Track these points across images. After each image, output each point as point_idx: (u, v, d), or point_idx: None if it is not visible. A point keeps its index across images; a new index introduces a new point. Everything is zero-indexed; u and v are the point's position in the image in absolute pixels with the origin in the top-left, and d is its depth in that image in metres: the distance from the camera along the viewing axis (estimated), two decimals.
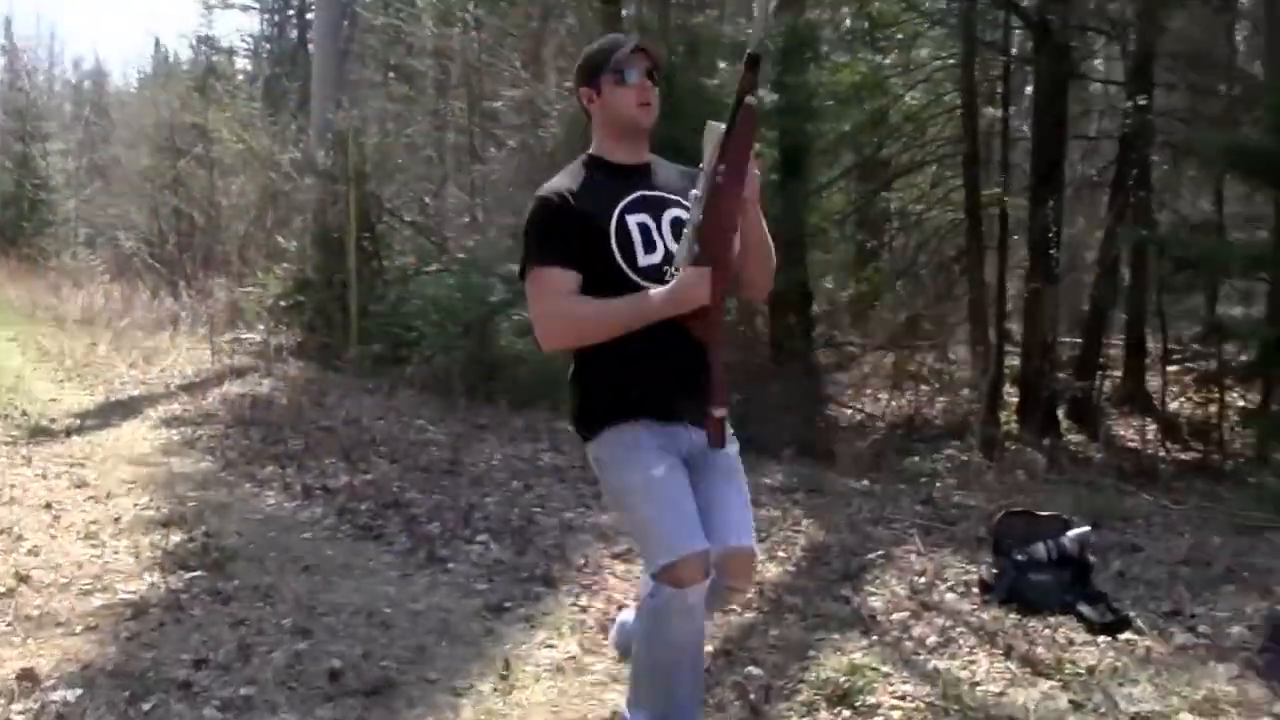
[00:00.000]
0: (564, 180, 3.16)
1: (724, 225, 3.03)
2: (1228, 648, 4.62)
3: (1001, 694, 4.18)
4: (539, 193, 3.15)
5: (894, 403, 11.34)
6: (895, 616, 5.06)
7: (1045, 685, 4.24)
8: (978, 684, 4.28)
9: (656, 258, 3.11)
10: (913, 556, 6.02)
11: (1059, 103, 10.59)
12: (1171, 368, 10.76)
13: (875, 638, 4.79)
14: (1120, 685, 4.23)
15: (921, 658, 4.57)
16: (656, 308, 3.02)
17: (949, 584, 5.55)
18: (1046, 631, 4.84)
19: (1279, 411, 8.41)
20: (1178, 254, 9.51)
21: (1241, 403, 9.87)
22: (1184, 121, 11.00)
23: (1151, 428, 10.14)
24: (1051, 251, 10.25)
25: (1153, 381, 11.21)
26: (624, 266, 3.08)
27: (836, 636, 4.79)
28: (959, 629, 4.89)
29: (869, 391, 12.10)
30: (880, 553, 6.02)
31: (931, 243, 12.11)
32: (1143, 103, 10.38)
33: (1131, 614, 5.02)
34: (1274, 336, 8.11)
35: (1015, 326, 11.37)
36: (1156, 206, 11.36)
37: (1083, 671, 4.40)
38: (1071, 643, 4.73)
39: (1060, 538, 5.39)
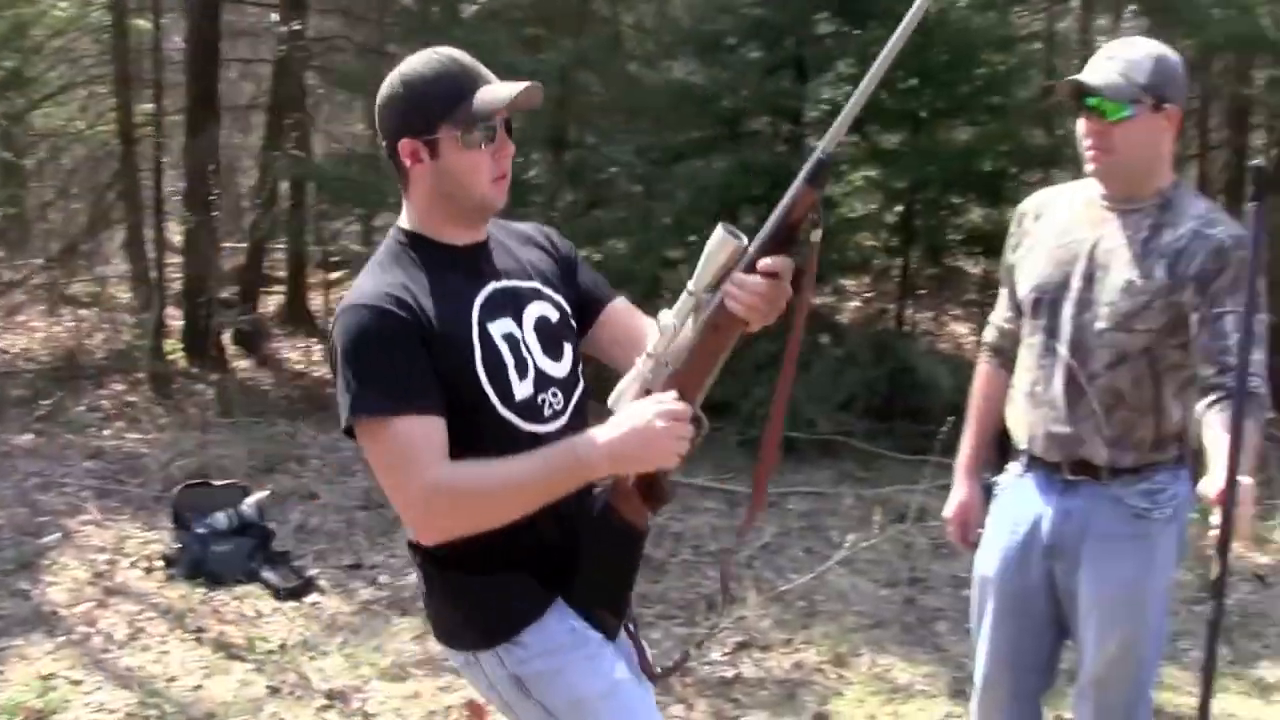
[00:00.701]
0: (391, 276, 2.13)
1: (708, 368, 2.14)
2: (408, 599, 5.08)
3: (199, 687, 4.35)
4: (357, 300, 2.09)
5: (51, 338, 10.82)
6: (80, 609, 5.00)
7: (241, 670, 4.48)
8: (174, 678, 4.40)
9: (530, 385, 2.18)
10: (91, 529, 5.95)
11: (212, 24, 10.57)
12: (336, 292, 11.33)
13: (62, 638, 4.71)
14: (312, 659, 4.58)
15: (113, 655, 4.60)
16: (601, 469, 2.10)
17: (132, 559, 5.58)
18: (235, 604, 5.07)
19: None
20: (333, 185, 9.99)
21: None
22: (340, 49, 11.52)
23: (318, 349, 10.64)
24: (210, 178, 10.28)
25: (316, 302, 11.72)
26: (496, 404, 2.13)
27: (20, 642, 4.63)
28: (148, 614, 4.97)
29: (23, 323, 11.43)
30: (56, 534, 5.83)
31: (83, 168, 11.60)
32: (296, 27, 10.67)
33: (314, 573, 5.36)
34: None
35: (176, 256, 11.29)
36: (320, 134, 11.83)
37: (275, 649, 4.67)
38: (260, 615, 5.00)
39: (240, 505, 5.61)
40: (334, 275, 11.37)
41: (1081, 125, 2.71)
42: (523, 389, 2.15)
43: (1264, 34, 7.98)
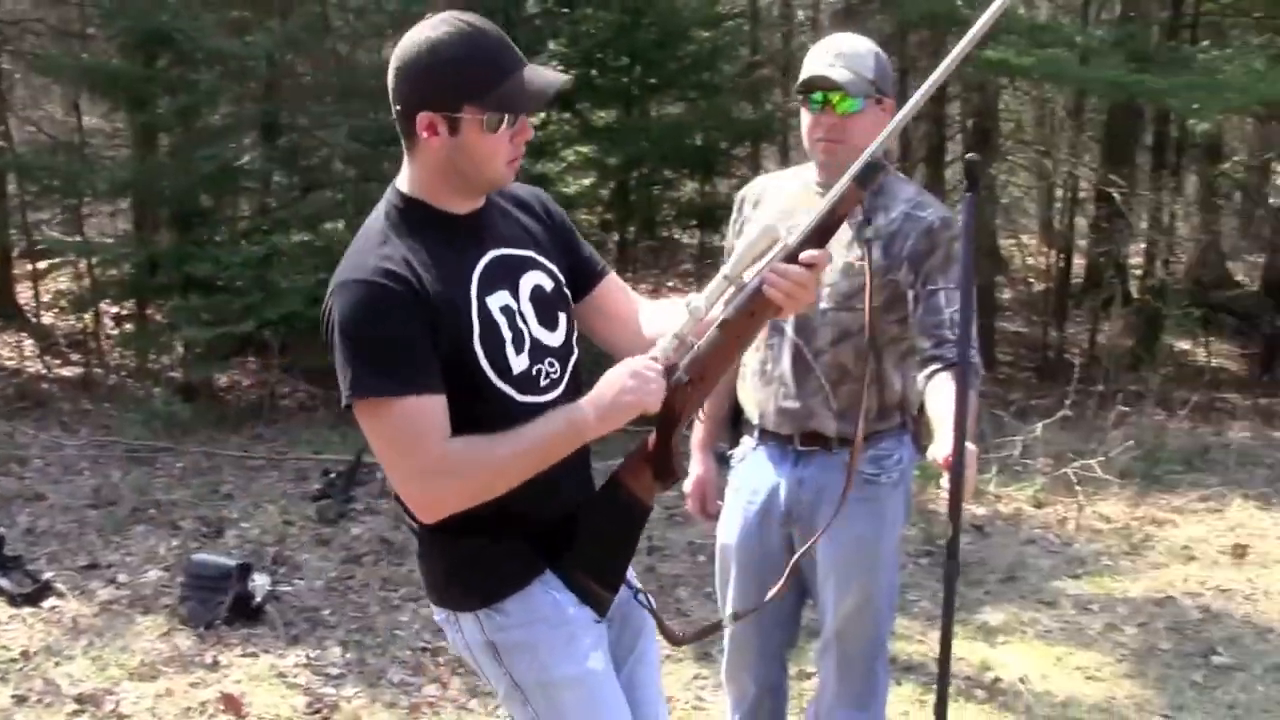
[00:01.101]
0: (390, 249, 2.06)
1: (736, 351, 2.25)
2: (150, 596, 5.14)
3: None
4: (355, 275, 2.03)
5: None
6: None
7: None
8: None
9: (526, 358, 2.16)
10: None
11: None
12: (45, 284, 10.99)
13: None
14: (57, 665, 4.50)
15: None
16: (592, 427, 2.11)
17: None
18: None
19: (155, 328, 9.15)
20: (36, 175, 9.69)
21: (116, 311, 10.38)
22: (35, 34, 11.13)
23: (30, 344, 10.33)
24: None
25: (25, 295, 11.33)
26: (493, 378, 2.11)
27: None
28: None
29: None
30: None
31: None
32: None
33: (49, 576, 5.24)
34: (144, 257, 8.76)
35: None
36: (19, 121, 11.38)
37: (17, 658, 4.56)
38: None
39: None
40: (42, 265, 11.02)
41: (809, 118, 2.85)
42: (519, 362, 2.13)
43: (957, 10, 8.65)
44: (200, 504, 6.41)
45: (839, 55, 2.81)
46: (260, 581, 5.01)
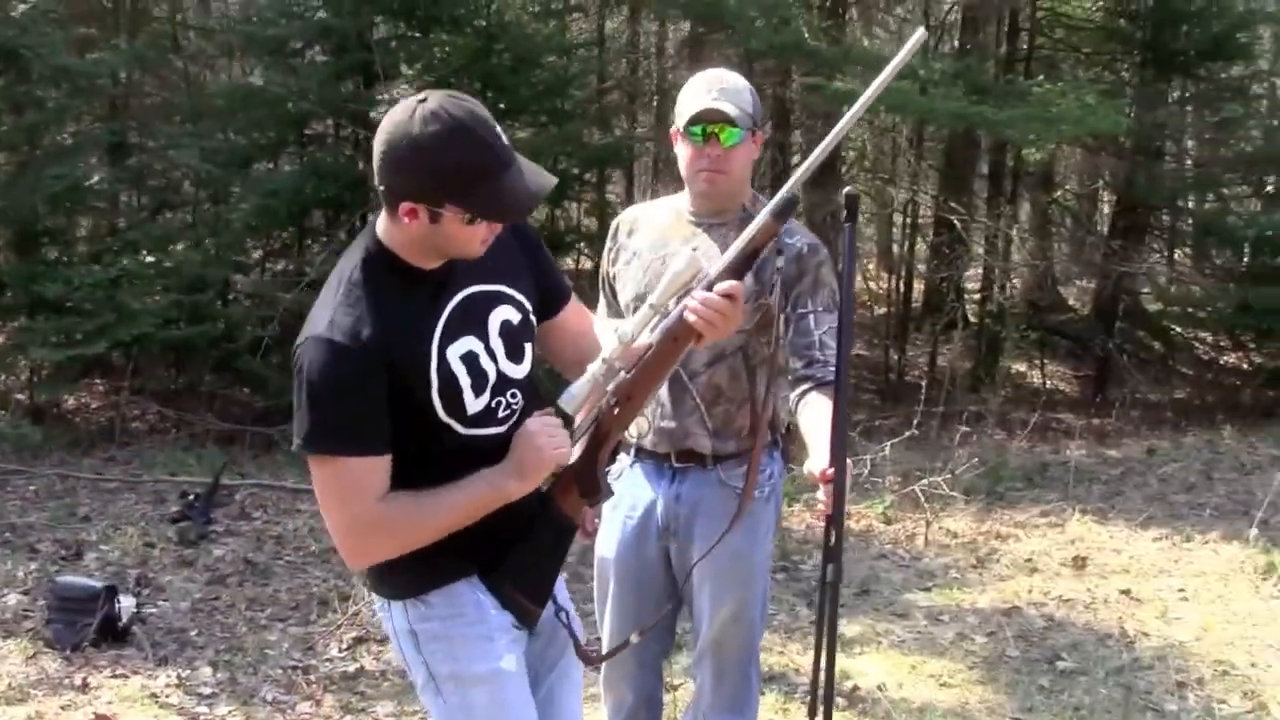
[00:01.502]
0: (356, 310, 2.14)
1: (660, 375, 2.40)
2: (11, 620, 5.07)
3: None
4: (319, 331, 2.12)
5: None
6: None
7: None
8: None
9: (487, 395, 2.27)
10: None
11: None
12: None
13: None
14: None
15: None
16: (514, 489, 2.24)
17: None
18: None
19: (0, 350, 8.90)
20: None
21: None
22: None
23: None
24: None
25: None
26: (450, 422, 2.23)
27: None
28: None
29: None
30: None
31: None
32: None
33: None
34: None
35: None
36: None
37: None
38: None
39: None
40: None
41: (690, 149, 2.95)
42: (477, 404, 2.24)
43: (802, 42, 8.99)
44: (57, 526, 6.34)
45: (722, 90, 2.92)
46: (126, 603, 4.97)
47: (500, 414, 2.29)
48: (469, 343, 2.24)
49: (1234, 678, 4.74)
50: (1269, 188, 12.70)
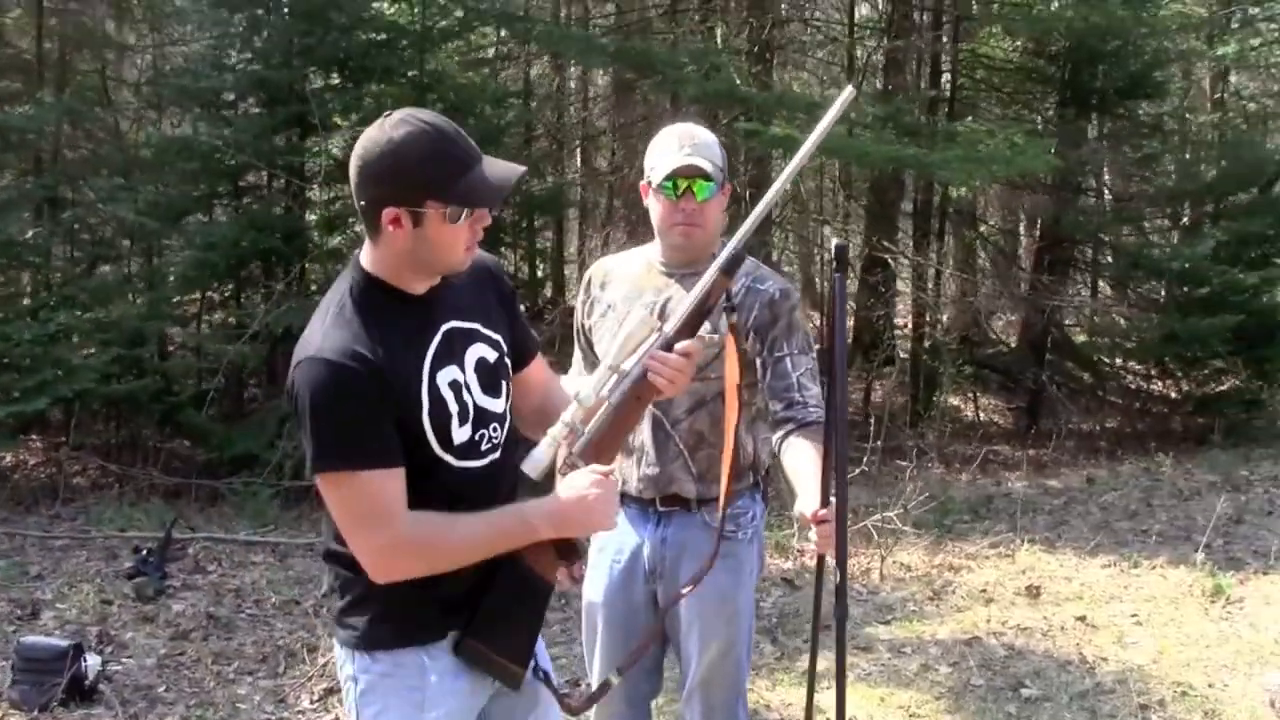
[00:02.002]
0: (350, 330, 2.20)
1: (624, 432, 2.49)
2: None
3: None
4: (321, 353, 2.16)
5: None
6: None
7: None
8: None
9: (469, 427, 2.32)
10: None
11: None
12: None
13: None
14: None
15: None
16: (542, 532, 2.29)
17: None
18: None
19: None
20: None
21: None
22: None
23: None
24: None
25: None
26: (437, 449, 2.27)
27: None
28: None
29: None
30: None
31: None
32: None
33: None
34: None
35: None
36: None
37: None
38: None
39: None
40: None
41: (665, 204, 3.04)
42: (461, 434, 2.29)
43: (735, 89, 9.20)
44: (10, 586, 6.28)
45: (694, 146, 3.03)
46: (92, 661, 4.95)
47: (483, 447, 2.34)
48: (454, 371, 2.30)
49: (1194, 698, 4.92)
50: (1184, 220, 13.16)
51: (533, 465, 2.36)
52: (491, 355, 2.41)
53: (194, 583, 6.40)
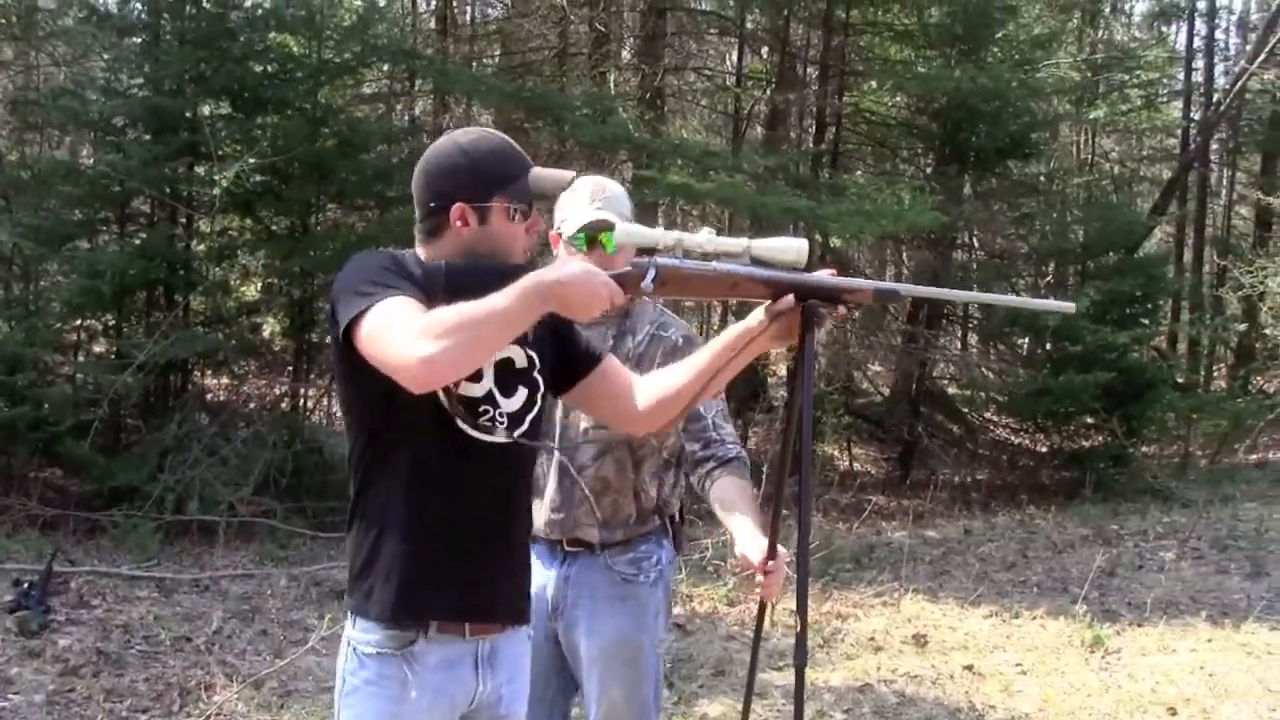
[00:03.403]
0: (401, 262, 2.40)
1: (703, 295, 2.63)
2: None
3: None
4: (364, 251, 2.44)
5: None
6: None
7: None
8: None
9: (477, 388, 2.44)
10: None
11: None
12: None
13: None
14: None
15: None
16: (546, 281, 2.21)
17: None
18: None
19: None
20: None
21: None
22: None
23: None
24: None
25: None
26: (458, 419, 2.40)
27: None
28: None
29: None
30: None
31: None
32: None
33: None
34: None
35: None
36: None
37: None
38: None
39: None
40: None
41: (573, 256, 3.06)
42: (469, 387, 2.41)
43: (629, 135, 9.44)
44: None
45: (605, 199, 3.15)
46: None
47: (483, 421, 2.44)
48: None
49: None
50: (1049, 278, 13.74)
51: (625, 232, 2.48)
52: (519, 359, 2.53)
53: (79, 617, 6.31)
